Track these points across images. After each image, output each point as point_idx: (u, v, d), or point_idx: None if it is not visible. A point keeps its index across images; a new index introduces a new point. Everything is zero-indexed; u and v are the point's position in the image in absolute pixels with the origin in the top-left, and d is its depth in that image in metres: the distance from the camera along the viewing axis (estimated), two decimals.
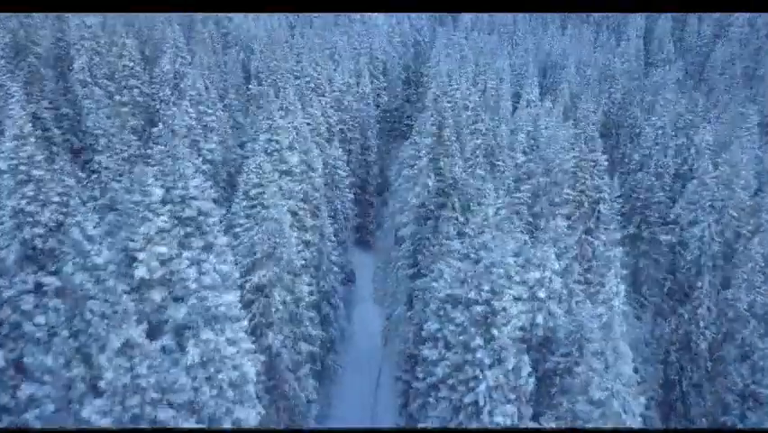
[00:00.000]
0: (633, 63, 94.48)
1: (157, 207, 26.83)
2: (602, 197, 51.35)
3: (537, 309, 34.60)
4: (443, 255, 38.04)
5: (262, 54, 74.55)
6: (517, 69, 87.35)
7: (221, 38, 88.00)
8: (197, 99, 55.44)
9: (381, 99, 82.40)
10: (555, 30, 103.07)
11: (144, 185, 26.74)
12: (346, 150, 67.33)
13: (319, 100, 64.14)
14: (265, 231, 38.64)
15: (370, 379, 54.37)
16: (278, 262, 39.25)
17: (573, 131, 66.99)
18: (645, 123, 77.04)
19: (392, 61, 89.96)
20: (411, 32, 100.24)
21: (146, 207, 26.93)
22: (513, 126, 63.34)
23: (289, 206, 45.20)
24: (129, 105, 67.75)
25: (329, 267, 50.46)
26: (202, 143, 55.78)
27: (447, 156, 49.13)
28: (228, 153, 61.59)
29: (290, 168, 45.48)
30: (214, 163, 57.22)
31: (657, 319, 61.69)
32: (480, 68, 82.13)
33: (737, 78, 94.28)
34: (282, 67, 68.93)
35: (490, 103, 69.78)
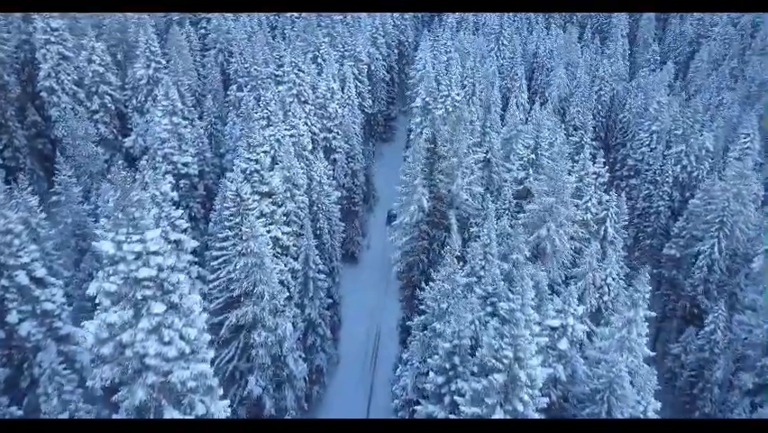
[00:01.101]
0: (621, 64, 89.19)
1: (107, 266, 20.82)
2: (608, 214, 46.04)
3: (559, 362, 29.15)
4: (447, 296, 32.35)
5: (242, 57, 68.05)
6: (505, 71, 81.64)
7: (199, 40, 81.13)
8: (171, 109, 48.96)
9: (366, 103, 76.35)
10: (540, 30, 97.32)
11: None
12: (331, 160, 61.30)
13: (302, 108, 57.97)
14: (244, 268, 32.65)
15: (360, 406, 48.82)
16: (259, 300, 33.29)
17: (573, 139, 61.88)
18: (639, 128, 71.89)
19: (376, 63, 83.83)
20: (395, 32, 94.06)
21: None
22: (506, 134, 57.73)
23: (271, 231, 39.24)
24: (100, 112, 61.23)
25: (315, 293, 44.60)
26: (177, 156, 49.40)
27: (443, 173, 43.37)
28: (206, 165, 55.29)
29: (272, 189, 39.43)
30: (190, 177, 50.96)
31: (659, 335, 56.96)
32: (467, 70, 76.32)
33: (726, 80, 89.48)
34: (263, 72, 62.54)
35: (480, 108, 64.05)
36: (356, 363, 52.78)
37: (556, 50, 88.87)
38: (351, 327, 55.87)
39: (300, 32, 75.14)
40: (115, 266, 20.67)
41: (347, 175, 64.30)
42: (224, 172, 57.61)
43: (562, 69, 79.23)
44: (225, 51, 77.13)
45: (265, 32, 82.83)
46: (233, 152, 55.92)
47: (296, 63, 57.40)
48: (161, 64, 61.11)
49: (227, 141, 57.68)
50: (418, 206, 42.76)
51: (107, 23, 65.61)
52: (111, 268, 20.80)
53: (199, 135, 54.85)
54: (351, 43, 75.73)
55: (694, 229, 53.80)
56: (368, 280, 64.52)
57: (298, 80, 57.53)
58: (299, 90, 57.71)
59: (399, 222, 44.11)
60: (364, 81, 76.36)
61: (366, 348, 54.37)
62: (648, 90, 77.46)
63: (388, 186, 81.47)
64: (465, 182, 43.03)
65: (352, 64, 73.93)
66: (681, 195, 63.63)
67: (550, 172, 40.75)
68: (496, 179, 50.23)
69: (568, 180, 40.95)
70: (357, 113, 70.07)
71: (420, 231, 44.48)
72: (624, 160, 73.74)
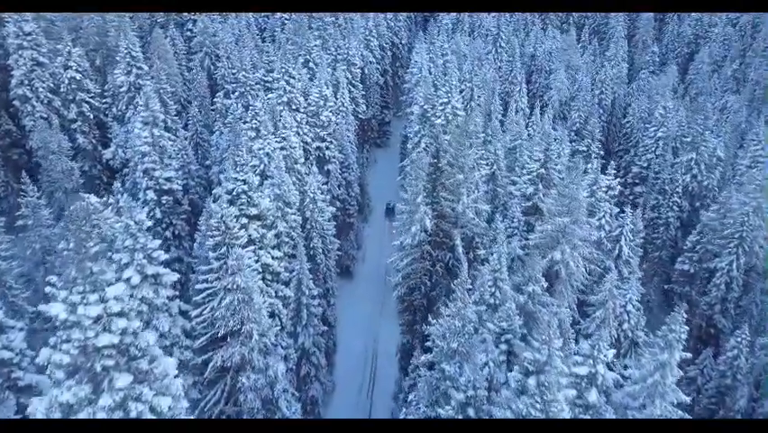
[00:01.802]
0: (622, 67, 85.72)
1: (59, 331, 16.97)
2: (623, 232, 42.51)
3: (585, 413, 25.51)
4: (456, 333, 28.61)
5: (229, 61, 64.03)
6: (504, 75, 77.97)
7: (185, 43, 76.96)
8: (152, 121, 44.92)
9: (359, 108, 72.53)
10: (537, 32, 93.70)
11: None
12: (324, 171, 57.45)
13: (293, 116, 54.07)
14: (229, 305, 28.78)
15: None
16: (247, 340, 29.42)
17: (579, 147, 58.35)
18: (644, 134, 68.43)
19: (370, 67, 79.99)
20: (388, 34, 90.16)
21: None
22: (510, 144, 54.10)
23: (261, 257, 35.38)
24: (77, 121, 57.04)
25: (309, 320, 40.85)
26: (158, 171, 45.37)
27: (446, 189, 39.62)
28: (190, 179, 51.30)
29: (261, 211, 35.56)
30: (173, 192, 46.93)
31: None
32: (465, 73, 72.62)
33: (728, 82, 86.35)
34: (251, 77, 58.50)
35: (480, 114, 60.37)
36: (352, 390, 49.04)
37: (555, 52, 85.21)
38: (347, 349, 52.13)
39: (290, 34, 71.17)
40: (69, 332, 16.80)
41: (341, 186, 60.49)
42: (211, 185, 53.74)
43: (563, 73, 75.62)
44: (212, 55, 72.99)
45: (253, 35, 78.80)
46: (219, 163, 51.97)
47: (286, 69, 53.44)
48: (143, 70, 56.93)
49: (214, 152, 53.65)
50: (421, 226, 39.04)
51: (85, 27, 61.40)
52: (64, 334, 16.92)
53: (183, 147, 50.84)
54: (343, 46, 71.86)
55: (709, 244, 50.42)
56: (364, 295, 60.80)
57: (289, 87, 53.63)
58: (290, 98, 53.84)
59: (400, 243, 40.35)
60: (358, 86, 72.52)
61: (363, 373, 50.65)
62: (652, 94, 73.98)
63: (383, 193, 77.87)
64: (471, 200, 39.30)
65: (344, 68, 70.04)
66: (690, 205, 60.27)
67: (562, 190, 37.12)
68: (501, 194, 46.58)
69: (582, 198, 37.29)
70: (351, 119, 66.27)
71: (422, 252, 40.75)
72: (628, 167, 70.25)
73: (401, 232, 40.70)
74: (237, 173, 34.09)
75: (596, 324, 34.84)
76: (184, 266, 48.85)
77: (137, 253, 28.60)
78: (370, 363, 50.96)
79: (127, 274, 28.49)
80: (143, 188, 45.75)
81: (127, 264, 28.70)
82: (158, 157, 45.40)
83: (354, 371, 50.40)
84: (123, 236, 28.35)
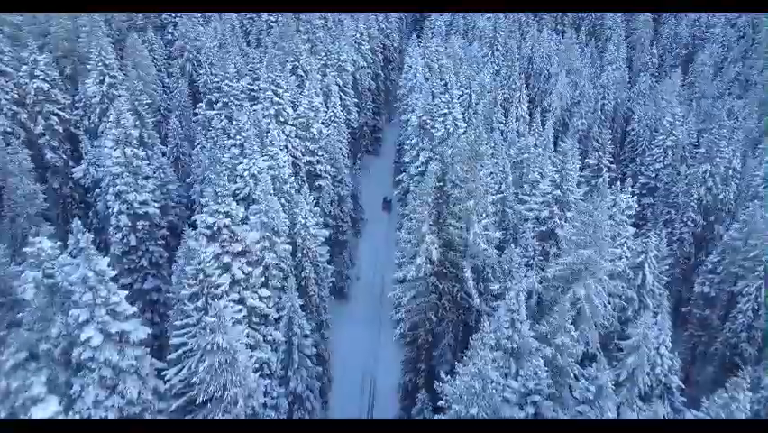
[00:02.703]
0: (624, 70, 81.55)
1: None
2: (646, 258, 38.14)
3: None
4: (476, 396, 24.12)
5: (212, 68, 59.00)
6: (501, 80, 73.36)
7: (165, 47, 71.82)
8: (124, 138, 39.95)
9: (351, 117, 67.79)
10: (534, 34, 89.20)
11: None
12: (316, 187, 52.70)
13: (281, 129, 49.28)
14: (209, 368, 24.02)
15: None
16: (231, 407, 24.65)
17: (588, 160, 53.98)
18: (652, 142, 64.24)
19: (361, 71, 75.20)
20: (379, 36, 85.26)
21: None
22: (516, 157, 49.60)
23: (246, 298, 30.64)
24: (45, 135, 51.86)
25: (302, 362, 36.16)
26: (132, 195, 40.40)
27: (455, 216, 35.04)
28: (169, 199, 46.38)
29: (246, 247, 30.79)
30: (149, 217, 41.99)
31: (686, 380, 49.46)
32: (461, 78, 68.06)
33: (732, 85, 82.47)
34: (235, 86, 53.56)
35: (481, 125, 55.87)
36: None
37: (553, 54, 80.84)
38: (343, 384, 47.28)
39: (277, 38, 66.15)
40: None
41: (333, 202, 55.76)
42: (192, 205, 48.88)
43: (564, 77, 71.23)
44: (194, 61, 67.94)
45: (238, 38, 73.71)
46: (200, 182, 47.07)
47: (273, 78, 48.55)
48: (117, 79, 51.87)
49: (195, 168, 48.72)
50: (427, 257, 34.47)
51: (53, 31, 56.07)
52: None
53: (161, 165, 45.90)
54: (334, 51, 66.96)
55: (732, 265, 46.26)
56: (360, 318, 56.36)
57: (276, 98, 48.73)
58: (278, 110, 49.00)
59: (403, 276, 35.70)
60: (349, 93, 67.74)
61: (360, 411, 45.97)
62: (657, 100, 69.82)
63: (377, 203, 73.31)
64: (482, 227, 34.74)
65: (335, 74, 65.23)
66: (704, 219, 56.14)
67: (586, 219, 32.61)
68: (510, 215, 42.05)
69: (607, 228, 32.86)
70: (343, 129, 61.47)
71: (428, 284, 36.16)
72: (635, 176, 66.02)
73: (403, 263, 36.06)
74: (218, 204, 29.27)
75: (627, 371, 30.45)
76: (162, 296, 44.09)
77: (98, 308, 23.76)
78: (367, 402, 46.34)
79: (86, 334, 23.68)
80: (115, 212, 40.84)
81: (86, 322, 23.88)
82: (131, 178, 40.45)
83: (351, 408, 45.72)
84: (81, 289, 23.48)
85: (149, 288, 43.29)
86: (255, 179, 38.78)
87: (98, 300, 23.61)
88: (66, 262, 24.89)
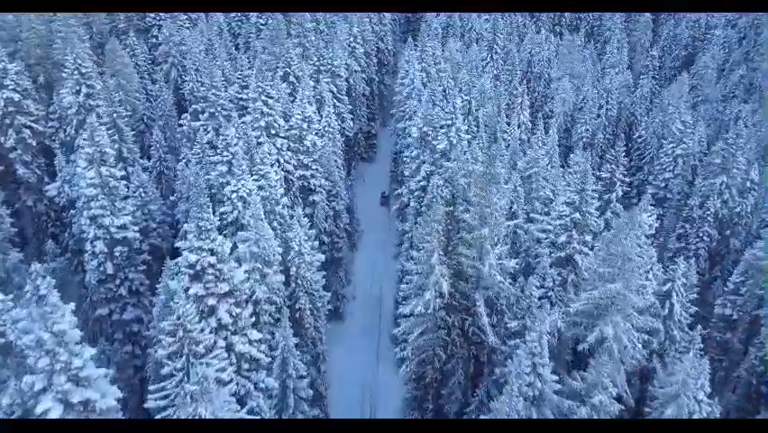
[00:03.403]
0: (627, 74, 78.07)
1: None
2: (674, 287, 34.56)
3: None
4: None
5: (198, 74, 54.81)
6: (502, 85, 69.62)
7: (148, 51, 67.50)
8: (99, 157, 35.85)
9: (346, 125, 63.82)
10: (532, 36, 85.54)
11: None
12: (310, 203, 48.79)
13: (273, 142, 45.28)
14: None
15: None
16: None
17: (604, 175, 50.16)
18: (661, 151, 60.78)
19: (355, 76, 71.20)
20: (373, 39, 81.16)
21: None
22: (524, 171, 45.84)
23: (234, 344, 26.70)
24: (17, 150, 47.57)
25: (297, 406, 32.26)
26: (108, 219, 36.30)
27: (466, 244, 31.23)
28: (152, 220, 42.29)
29: (234, 286, 26.84)
30: (128, 242, 37.91)
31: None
32: (460, 84, 64.29)
33: (736, 89, 79.15)
34: (222, 96, 49.46)
35: (483, 135, 52.18)
36: None
37: (554, 58, 77.21)
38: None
39: (267, 42, 62.03)
40: None
41: (328, 218, 51.87)
42: (177, 224, 44.80)
43: (567, 82, 67.57)
44: (179, 66, 63.74)
45: (226, 41, 69.58)
46: (185, 200, 43.02)
47: (263, 88, 44.47)
48: (95, 88, 47.56)
49: (179, 185, 44.66)
50: (436, 291, 30.64)
51: (25, 37, 51.66)
52: None
53: (142, 183, 41.81)
54: (327, 56, 62.88)
55: (757, 287, 42.80)
56: (357, 340, 52.42)
57: (267, 109, 44.69)
58: (268, 122, 44.94)
59: (410, 311, 31.83)
60: (344, 99, 63.72)
61: None
62: (664, 105, 66.32)
63: (372, 212, 69.44)
64: (496, 255, 30.96)
65: (329, 80, 61.23)
66: (719, 233, 52.72)
67: (613, 248, 28.92)
68: (522, 237, 38.30)
69: (637, 258, 29.21)
70: (338, 139, 57.54)
71: (436, 319, 32.36)
72: (642, 185, 62.62)
73: (410, 297, 32.21)
74: (202, 241, 25.29)
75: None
76: (144, 327, 40.01)
77: (57, 375, 19.77)
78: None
79: (43, 406, 19.69)
80: (91, 238, 36.71)
81: (43, 390, 19.90)
82: (107, 201, 36.33)
83: None
84: (35, 353, 19.48)
85: (128, 318, 39.23)
86: (244, 201, 34.78)
87: (57, 366, 19.62)
88: (20, 316, 20.84)
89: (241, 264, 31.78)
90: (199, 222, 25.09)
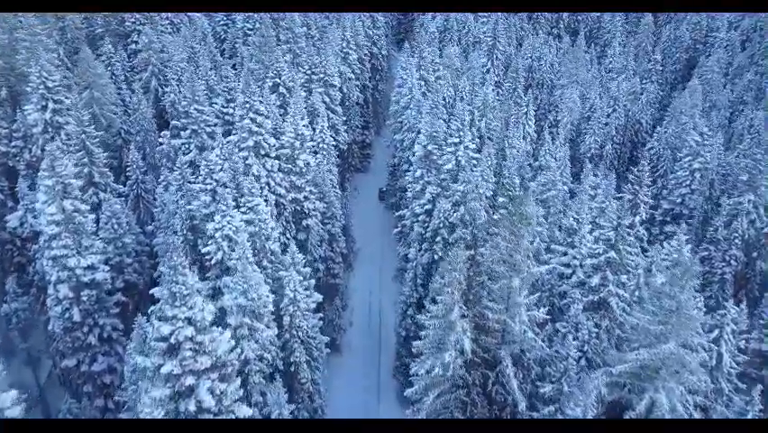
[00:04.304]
0: (635, 81, 73.43)
1: None
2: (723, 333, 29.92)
3: None
4: None
5: (179, 85, 49.53)
6: (505, 93, 64.63)
7: (127, 59, 61.90)
8: (61, 190, 30.61)
9: (340, 137, 58.71)
10: (534, 40, 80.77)
11: None
12: (303, 228, 43.74)
13: (263, 164, 40.13)
14: None
15: None
16: None
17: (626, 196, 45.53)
18: (676, 164, 56.25)
19: (349, 84, 66.02)
20: (367, 44, 75.87)
21: None
22: (539, 192, 41.04)
23: None
24: None
25: None
26: (73, 260, 31.05)
27: (492, 295, 26.32)
28: (125, 255, 37.05)
29: (218, 360, 21.75)
30: (97, 285, 32.67)
31: None
32: (461, 92, 59.41)
33: (745, 94, 74.80)
34: (206, 111, 44.27)
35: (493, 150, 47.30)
36: None
37: (557, 63, 72.47)
38: None
39: (255, 50, 56.72)
40: None
41: (323, 242, 46.90)
42: (156, 257, 39.56)
43: (575, 91, 62.79)
44: (159, 75, 58.27)
45: (210, 47, 63.98)
46: (165, 230, 37.83)
47: (251, 104, 39.23)
48: (63, 104, 42.17)
49: (159, 213, 39.43)
50: (457, 350, 25.73)
51: None
52: None
53: (114, 213, 36.46)
54: (319, 64, 57.61)
55: None
56: (355, 375, 47.74)
57: (256, 127, 39.51)
58: (257, 141, 39.75)
59: (424, 372, 26.89)
60: (337, 111, 58.62)
61: None
62: (676, 114, 61.74)
63: (368, 227, 64.50)
64: (526, 305, 26.11)
65: (321, 90, 56.08)
66: (745, 255, 48.25)
67: (666, 301, 24.16)
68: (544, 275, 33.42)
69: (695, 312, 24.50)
70: (332, 155, 52.51)
71: (455, 378, 27.44)
72: (655, 200, 57.98)
73: (425, 354, 27.26)
74: (177, 308, 20.18)
75: None
76: (117, 378, 34.83)
77: None
78: None
79: None
80: (53, 281, 31.48)
81: None
82: (71, 240, 31.08)
83: None
84: None
85: (99, 370, 34.01)
86: (230, 240, 29.65)
87: None
88: None
89: (226, 315, 26.85)
90: (173, 287, 19.97)
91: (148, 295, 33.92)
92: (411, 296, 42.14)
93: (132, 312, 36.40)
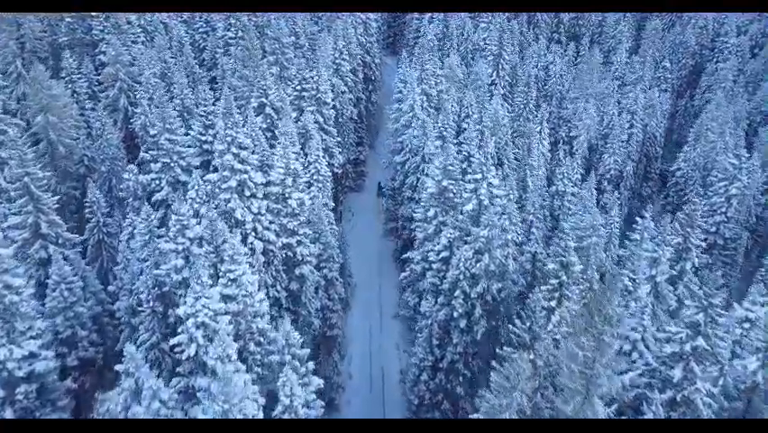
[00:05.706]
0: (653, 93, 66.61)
1: None
2: None
3: None
4: None
5: (150, 107, 41.75)
6: (516, 108, 57.37)
7: (95, 72, 53.86)
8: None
9: (334, 160, 51.36)
10: (540, 47, 73.80)
11: None
12: (296, 277, 36.39)
13: (248, 206, 32.71)
14: None
15: None
16: None
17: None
18: (709, 189, 49.70)
19: (342, 98, 58.63)
20: (360, 52, 68.38)
21: None
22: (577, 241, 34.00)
23: None
24: None
25: None
26: (4, 351, 23.48)
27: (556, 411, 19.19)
28: (79, 327, 29.50)
29: None
30: (37, 378, 25.13)
31: None
32: (467, 108, 52.30)
33: (762, 104, 68.60)
34: (179, 141, 36.70)
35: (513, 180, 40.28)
36: None
37: (567, 74, 65.61)
38: None
39: (237, 63, 49.10)
40: None
41: (319, 289, 39.62)
42: (119, 325, 31.94)
43: (592, 107, 55.86)
44: (129, 92, 50.40)
45: (188, 58, 56.20)
46: (128, 295, 30.27)
47: (233, 136, 31.66)
48: (7, 134, 34.35)
49: (121, 271, 31.84)
50: None
51: None
52: None
53: (64, 277, 28.81)
54: (310, 79, 49.95)
55: None
56: None
57: (239, 164, 32.01)
58: (241, 180, 32.27)
59: None
60: (332, 132, 51.21)
61: None
62: (702, 131, 55.19)
63: (366, 254, 57.16)
64: None
65: (314, 109, 48.64)
66: None
67: None
68: None
69: None
70: (328, 183, 45.16)
71: None
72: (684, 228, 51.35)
73: None
74: None
75: None
76: None
77: None
78: None
79: None
80: None
81: None
82: (1, 328, 23.49)
83: None
84: None
85: None
86: (205, 329, 22.23)
87: None
88: None
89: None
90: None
91: (111, 368, 26.65)
92: (425, 359, 35.17)
93: (91, 391, 29.16)
